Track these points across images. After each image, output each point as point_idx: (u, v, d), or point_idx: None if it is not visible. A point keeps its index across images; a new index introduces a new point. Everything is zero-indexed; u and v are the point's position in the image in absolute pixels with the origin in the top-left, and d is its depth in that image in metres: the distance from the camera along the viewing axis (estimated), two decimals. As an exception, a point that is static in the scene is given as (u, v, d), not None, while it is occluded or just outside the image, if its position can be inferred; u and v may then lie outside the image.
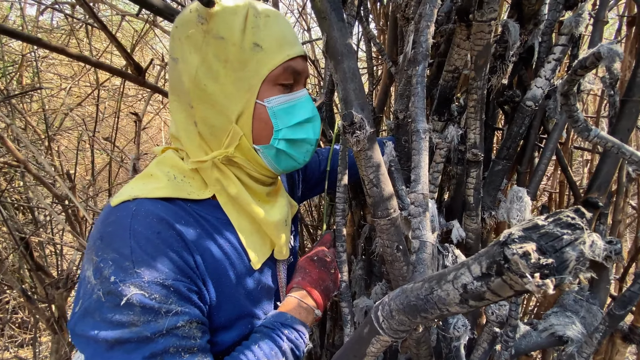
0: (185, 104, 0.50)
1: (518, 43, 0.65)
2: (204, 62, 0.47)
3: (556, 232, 0.22)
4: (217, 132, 0.50)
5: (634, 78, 0.65)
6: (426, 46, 0.41)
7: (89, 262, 0.43)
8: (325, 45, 0.52)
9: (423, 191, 0.40)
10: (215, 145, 0.51)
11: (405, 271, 0.59)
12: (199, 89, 0.47)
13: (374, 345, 0.37)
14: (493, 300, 0.26)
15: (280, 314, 0.55)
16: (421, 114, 0.40)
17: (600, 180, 0.72)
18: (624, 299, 0.57)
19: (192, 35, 0.47)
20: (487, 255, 0.25)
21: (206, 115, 0.49)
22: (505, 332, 0.67)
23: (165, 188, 0.49)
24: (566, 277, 0.21)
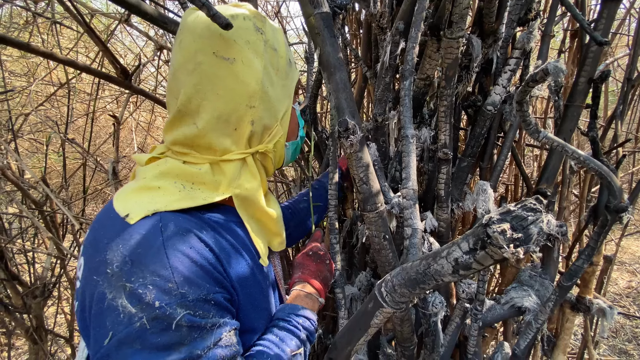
0: (238, 103, 0.50)
1: (480, 56, 0.75)
2: (265, 68, 0.52)
3: (523, 215, 0.29)
4: (265, 130, 0.54)
5: (575, 86, 0.77)
6: (412, 64, 0.49)
7: (117, 289, 0.40)
8: (319, 58, 0.58)
9: (413, 187, 0.47)
10: (255, 143, 0.54)
11: (391, 258, 0.66)
12: (262, 91, 0.52)
13: (377, 317, 0.44)
14: (478, 269, 0.33)
15: (293, 305, 0.59)
16: (409, 121, 0.47)
17: (548, 174, 0.84)
18: (570, 272, 0.69)
19: (253, 42, 0.51)
20: (473, 234, 0.32)
21: (263, 115, 0.53)
22: (475, 307, 0.77)
23: (182, 200, 0.48)
24: (531, 246, 0.29)
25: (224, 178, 0.52)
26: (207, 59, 0.49)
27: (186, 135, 0.51)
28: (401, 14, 0.79)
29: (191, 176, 0.50)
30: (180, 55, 0.50)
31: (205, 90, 0.49)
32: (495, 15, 0.72)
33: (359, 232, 0.97)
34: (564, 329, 0.92)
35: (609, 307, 0.84)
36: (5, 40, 0.59)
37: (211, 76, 0.49)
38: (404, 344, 0.76)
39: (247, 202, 0.54)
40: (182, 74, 0.50)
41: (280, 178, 1.68)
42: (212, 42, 0.49)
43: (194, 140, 0.51)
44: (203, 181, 0.51)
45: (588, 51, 0.77)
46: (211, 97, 0.49)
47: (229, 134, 0.51)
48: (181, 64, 0.50)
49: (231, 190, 0.52)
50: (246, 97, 0.51)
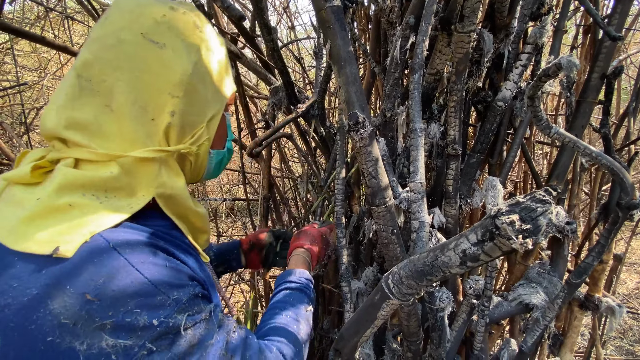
0: (159, 90, 0.46)
1: (492, 51, 0.74)
2: (197, 64, 0.50)
3: (532, 206, 0.30)
4: (187, 127, 0.50)
5: (588, 81, 0.76)
6: (422, 57, 0.49)
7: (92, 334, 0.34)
8: (330, 51, 0.58)
9: (421, 180, 0.47)
10: (175, 142, 0.49)
11: (399, 252, 0.67)
12: (190, 84, 0.49)
13: (384, 309, 0.45)
14: (485, 261, 0.34)
15: (300, 271, 0.71)
16: (418, 115, 0.48)
17: (558, 170, 0.83)
18: (580, 269, 0.68)
19: (189, 36, 0.49)
20: (481, 226, 0.33)
21: (187, 110, 0.49)
22: (482, 303, 0.77)
23: (109, 214, 0.41)
24: (540, 237, 0.29)
25: (140, 179, 0.45)
26: (133, 38, 0.45)
27: (96, 117, 0.44)
28: (411, 8, 0.79)
29: (101, 183, 0.42)
30: (101, 29, 0.46)
31: (122, 68, 0.44)
32: (508, 10, 0.72)
33: (366, 227, 0.97)
34: (572, 327, 0.91)
35: (618, 305, 0.83)
36: (21, 33, 0.61)
37: (133, 56, 0.45)
38: (410, 339, 0.77)
39: (173, 201, 0.48)
40: (98, 47, 0.45)
41: (287, 173, 1.68)
42: (144, 23, 0.46)
43: (104, 125, 0.44)
44: (118, 186, 0.43)
45: (601, 46, 0.76)
46: (128, 77, 0.45)
47: (144, 124, 0.45)
48: (99, 37, 0.46)
49: (153, 191, 0.46)
50: (170, 85, 0.47)
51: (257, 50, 0.93)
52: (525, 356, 0.79)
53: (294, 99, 0.94)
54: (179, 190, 0.49)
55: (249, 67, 0.85)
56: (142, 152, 0.44)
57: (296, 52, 1.50)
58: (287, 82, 0.88)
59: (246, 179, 1.17)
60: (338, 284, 1.40)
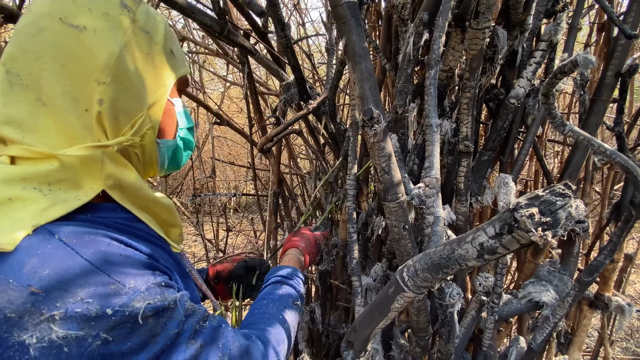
0: (86, 78, 0.43)
1: (506, 48, 0.74)
2: (128, 46, 0.46)
3: (552, 199, 0.30)
4: (123, 116, 0.46)
5: (602, 79, 0.76)
6: (438, 53, 0.49)
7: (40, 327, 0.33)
8: (345, 47, 0.58)
9: (436, 176, 0.48)
10: (113, 133, 0.45)
11: (410, 247, 0.67)
12: (118, 67, 0.45)
13: (398, 302, 0.45)
14: (503, 254, 0.34)
15: (293, 268, 0.71)
16: (434, 111, 0.48)
17: (571, 169, 0.83)
18: (591, 267, 0.68)
19: (114, 16, 0.46)
20: (500, 220, 0.33)
21: (118, 97, 0.45)
22: (492, 300, 0.77)
23: (54, 205, 0.39)
24: (559, 230, 0.30)
25: (84, 173, 0.43)
26: (52, 24, 0.42)
27: (30, 113, 0.42)
28: (425, 5, 0.79)
29: (42, 176, 0.41)
30: (24, 19, 0.44)
31: (46, 59, 0.42)
32: (523, 6, 0.71)
33: (375, 224, 0.98)
34: (581, 326, 0.91)
35: (627, 304, 0.83)
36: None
37: (54, 44, 0.42)
38: (420, 334, 0.77)
39: (128, 191, 0.46)
40: (21, 38, 0.43)
41: (295, 170, 1.69)
42: (62, 6, 0.43)
43: (39, 120, 0.42)
44: (61, 178, 0.42)
45: (616, 44, 0.76)
46: (53, 68, 0.42)
47: (79, 116, 0.43)
48: (22, 27, 0.43)
49: (102, 183, 0.43)
50: (95, 71, 0.43)
51: (269, 46, 0.94)
52: (534, 354, 0.79)
53: (306, 95, 0.94)
54: (131, 181, 0.46)
55: (261, 63, 0.85)
56: (77, 149, 0.42)
57: (305, 48, 1.50)
58: (300, 78, 0.89)
59: (256, 175, 1.18)
60: (345, 279, 1.41)
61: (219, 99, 1.87)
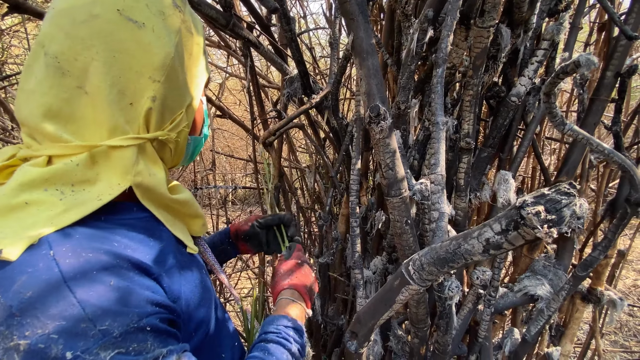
0: (139, 74, 0.43)
1: (509, 46, 0.75)
2: (178, 47, 0.46)
3: (557, 198, 0.31)
4: (167, 113, 0.47)
5: (602, 79, 0.77)
6: (446, 52, 0.50)
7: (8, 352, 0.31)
8: (352, 43, 0.59)
9: (442, 172, 0.49)
10: (154, 128, 0.46)
11: (412, 242, 0.69)
12: (172, 67, 0.45)
13: (403, 294, 0.47)
14: (508, 249, 0.35)
15: (283, 316, 0.57)
16: (440, 109, 0.49)
17: (568, 167, 0.85)
18: (586, 262, 0.70)
19: (169, 15, 0.46)
20: (506, 216, 0.34)
21: (167, 94, 0.46)
22: (489, 293, 0.79)
23: (69, 209, 0.38)
24: (563, 227, 0.31)
25: (115, 168, 0.42)
26: (108, 14, 0.41)
27: (68, 101, 0.40)
28: (430, 2, 0.79)
29: (66, 176, 0.39)
30: (67, 3, 0.41)
31: (97, 48, 0.40)
32: (528, 5, 0.72)
33: (375, 218, 0.99)
34: (573, 319, 0.94)
35: (619, 299, 0.85)
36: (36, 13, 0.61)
37: (108, 34, 0.41)
38: (418, 325, 0.79)
39: (151, 192, 0.45)
40: (66, 22, 0.40)
41: (294, 164, 1.70)
42: (130, 4, 0.42)
43: (79, 109, 0.41)
44: (85, 178, 0.40)
45: (617, 45, 0.77)
46: (104, 58, 0.41)
47: (123, 108, 0.42)
48: (66, 11, 0.41)
49: (130, 179, 0.42)
50: (151, 69, 0.43)
51: (272, 38, 0.93)
52: (528, 345, 0.82)
53: (309, 89, 0.95)
54: (158, 179, 0.45)
55: (265, 57, 0.85)
56: (119, 140, 0.41)
57: (306, 41, 1.50)
58: (303, 72, 0.89)
59: (257, 168, 1.19)
60: (343, 272, 1.43)
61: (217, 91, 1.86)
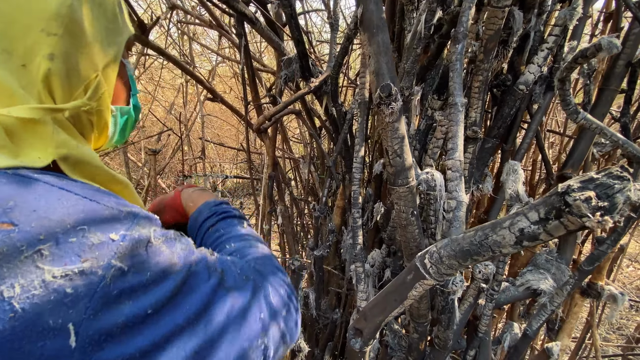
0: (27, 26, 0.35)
1: (521, 30, 0.71)
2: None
3: (609, 182, 0.28)
4: (74, 76, 0.39)
5: (612, 68, 0.75)
6: (466, 26, 0.46)
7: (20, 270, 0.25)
8: (361, 17, 0.54)
9: (460, 158, 0.45)
10: (63, 95, 0.38)
11: (417, 234, 0.65)
12: (71, 18, 0.37)
13: (416, 289, 0.43)
14: (544, 240, 0.32)
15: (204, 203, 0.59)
16: (459, 88, 0.45)
17: (574, 159, 0.83)
18: (593, 256, 0.68)
19: None
20: (545, 203, 0.31)
21: (71, 52, 0.38)
22: (491, 287, 0.77)
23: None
24: (615, 216, 0.27)
25: (31, 140, 0.36)
26: None
27: None
28: (439, -19, 0.75)
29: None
30: None
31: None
32: (543, -14, 0.69)
33: (374, 210, 0.95)
34: (572, 313, 0.93)
35: (620, 293, 0.84)
36: None
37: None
38: (419, 320, 0.76)
39: (82, 165, 0.38)
40: None
41: (288, 154, 1.65)
42: None
43: None
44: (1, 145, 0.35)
45: (629, 33, 0.74)
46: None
47: (14, 71, 0.35)
48: None
49: (53, 152, 0.36)
50: (43, 19, 0.35)
51: (269, 15, 0.88)
52: (529, 340, 0.80)
53: (308, 72, 0.89)
54: (86, 152, 0.38)
55: (262, 35, 0.80)
56: (21, 109, 0.34)
57: (302, 24, 1.43)
58: (302, 53, 0.84)
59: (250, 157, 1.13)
60: (337, 265, 1.39)
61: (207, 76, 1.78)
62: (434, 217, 0.73)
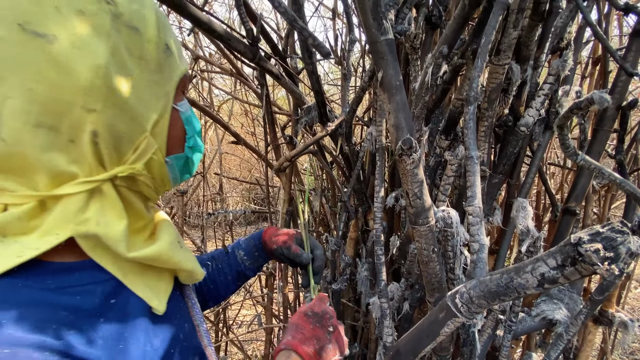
0: (68, 104, 0.34)
1: (520, 80, 0.80)
2: (115, 55, 0.35)
3: (612, 236, 0.33)
4: (122, 143, 0.38)
5: (604, 111, 0.83)
6: (477, 91, 0.53)
7: None
8: (381, 80, 0.62)
9: (479, 205, 0.51)
10: (112, 163, 0.38)
11: (438, 270, 0.70)
12: (107, 87, 0.35)
13: (448, 327, 0.48)
14: (562, 283, 0.37)
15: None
16: (474, 144, 0.52)
17: (576, 192, 0.89)
18: (602, 287, 0.73)
19: (92, 13, 0.34)
20: (560, 252, 0.36)
21: (114, 122, 0.36)
22: (509, 318, 0.81)
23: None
24: (620, 264, 0.33)
25: (56, 216, 0.35)
26: (9, 33, 0.31)
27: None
28: (443, 39, 0.84)
29: (2, 226, 0.34)
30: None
31: (9, 81, 0.32)
32: (538, 45, 0.78)
33: (391, 243, 1.00)
34: (586, 341, 0.96)
35: (630, 320, 0.88)
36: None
37: (15, 60, 0.32)
38: (441, 353, 0.79)
39: (101, 245, 0.37)
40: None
41: (300, 186, 1.71)
42: (19, 6, 0.32)
43: (5, 161, 0.33)
44: (23, 230, 0.34)
45: (617, 80, 0.83)
46: (20, 93, 0.32)
47: (62, 148, 0.34)
48: None
49: (71, 229, 0.35)
50: (79, 95, 0.34)
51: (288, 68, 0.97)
52: (548, 370, 0.83)
53: (325, 118, 0.97)
54: (111, 230, 0.37)
55: (285, 88, 0.88)
56: (67, 187, 0.35)
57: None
58: (321, 102, 0.92)
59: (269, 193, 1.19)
60: (351, 297, 1.42)
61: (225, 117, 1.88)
62: (452, 252, 0.78)
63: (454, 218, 0.74)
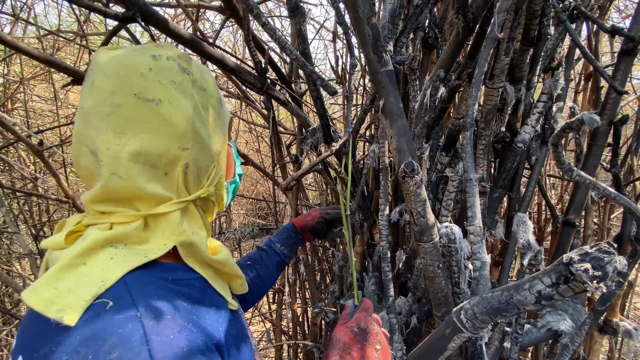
0: (168, 146, 0.46)
1: (514, 100, 0.84)
2: (195, 109, 0.49)
3: (600, 256, 0.37)
4: (202, 172, 0.50)
5: (597, 127, 0.86)
6: (473, 117, 0.57)
7: None
8: (383, 107, 0.66)
9: (480, 224, 0.54)
10: (193, 187, 0.50)
11: (444, 285, 0.73)
12: (194, 131, 0.48)
13: (454, 342, 0.51)
14: (558, 300, 0.40)
15: None
16: (472, 167, 0.56)
17: (575, 205, 0.92)
18: (603, 297, 0.75)
19: (180, 82, 0.48)
20: (555, 271, 0.40)
21: (198, 157, 0.49)
22: (515, 330, 0.83)
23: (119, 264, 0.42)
24: (608, 282, 0.36)
25: (162, 230, 0.46)
26: (128, 100, 0.44)
27: (108, 188, 0.44)
28: (440, 63, 0.89)
29: (121, 237, 0.44)
30: (93, 98, 0.44)
31: (127, 135, 0.44)
32: (529, 67, 0.82)
33: (397, 258, 1.03)
34: (593, 351, 0.97)
35: (634, 329, 0.90)
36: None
37: (133, 119, 0.44)
38: (450, 366, 0.81)
39: (194, 250, 0.48)
40: (95, 118, 0.44)
41: (304, 202, 1.75)
42: (132, 82, 0.44)
43: (119, 192, 0.45)
44: (138, 240, 0.45)
45: (608, 97, 0.87)
46: (134, 142, 0.44)
47: (159, 179, 0.46)
48: (94, 107, 0.44)
49: (175, 239, 0.46)
50: (177, 139, 0.46)
51: (293, 93, 1.02)
52: (556, 380, 0.84)
53: (330, 138, 1.02)
54: (200, 237, 0.48)
55: (292, 112, 0.93)
56: (164, 207, 0.46)
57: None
58: (326, 124, 0.97)
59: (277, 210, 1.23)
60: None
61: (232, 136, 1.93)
62: (456, 267, 0.81)
63: (457, 234, 0.77)
